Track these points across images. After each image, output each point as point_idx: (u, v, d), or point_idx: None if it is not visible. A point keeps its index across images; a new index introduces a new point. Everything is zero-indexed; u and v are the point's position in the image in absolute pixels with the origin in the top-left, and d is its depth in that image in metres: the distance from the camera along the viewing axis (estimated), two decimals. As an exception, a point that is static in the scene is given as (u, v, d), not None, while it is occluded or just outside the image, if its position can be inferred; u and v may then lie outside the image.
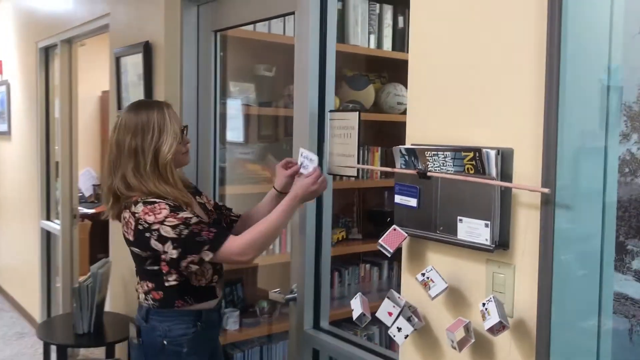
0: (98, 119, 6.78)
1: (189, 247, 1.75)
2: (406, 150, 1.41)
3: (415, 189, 1.40)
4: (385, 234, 1.43)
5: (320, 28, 1.93)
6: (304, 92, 1.99)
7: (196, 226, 1.76)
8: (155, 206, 1.76)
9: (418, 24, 1.49)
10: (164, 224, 1.73)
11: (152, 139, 1.82)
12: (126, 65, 2.94)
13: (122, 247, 3.14)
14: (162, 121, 1.85)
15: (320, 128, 1.97)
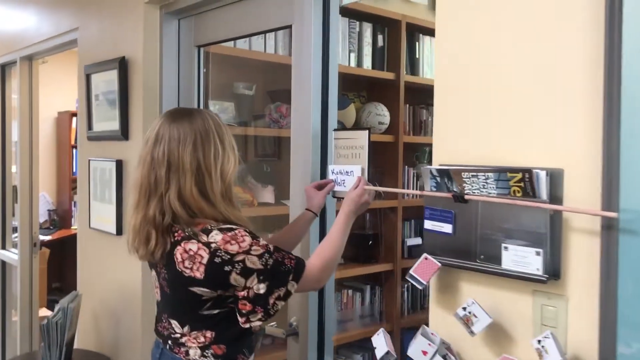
0: (54, 142, 6.49)
1: (277, 279, 1.46)
2: (438, 171, 1.29)
3: (450, 214, 1.28)
4: (416, 264, 1.30)
5: (322, 42, 1.81)
6: (304, 110, 1.86)
7: (277, 254, 1.48)
8: (236, 233, 1.43)
9: (445, 32, 1.39)
10: (250, 253, 1.43)
11: (215, 153, 1.51)
12: (97, 83, 2.74)
13: (92, 278, 2.95)
14: (221, 131, 1.54)
15: (323, 148, 1.84)
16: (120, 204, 2.57)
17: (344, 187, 1.73)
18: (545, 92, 1.19)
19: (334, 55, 1.83)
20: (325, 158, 1.83)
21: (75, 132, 6.53)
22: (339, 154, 1.75)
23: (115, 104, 2.57)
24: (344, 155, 1.73)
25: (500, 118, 1.25)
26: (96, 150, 2.78)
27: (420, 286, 1.29)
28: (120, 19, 2.60)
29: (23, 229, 3.65)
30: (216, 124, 1.55)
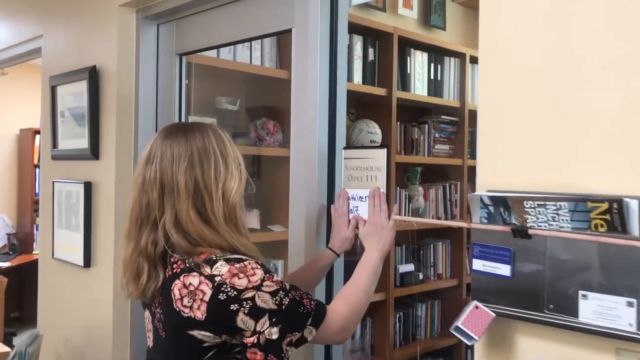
0: (14, 161, 6.11)
1: (292, 322, 1.23)
2: (492, 199, 1.05)
3: (508, 253, 1.04)
4: (465, 315, 1.05)
5: (330, 47, 1.57)
6: (307, 126, 1.60)
7: (294, 292, 1.25)
8: (245, 265, 1.22)
9: (493, 16, 1.15)
10: (262, 289, 1.20)
11: (216, 171, 1.30)
12: (64, 95, 2.45)
13: (56, 315, 2.61)
14: (223, 147, 1.33)
15: (330, 169, 1.58)
16: (89, 232, 2.27)
17: (357, 214, 1.48)
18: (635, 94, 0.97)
19: (342, 62, 1.59)
20: (332, 180, 1.57)
21: (38, 150, 6.16)
22: (350, 176, 1.50)
23: (85, 118, 2.28)
24: (356, 177, 1.49)
25: (577, 136, 1.02)
26: (61, 171, 2.48)
27: (469, 342, 1.04)
28: (90, 25, 2.33)
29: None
30: (218, 138, 1.32)
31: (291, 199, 1.68)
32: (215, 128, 1.37)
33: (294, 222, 1.69)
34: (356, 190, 1.47)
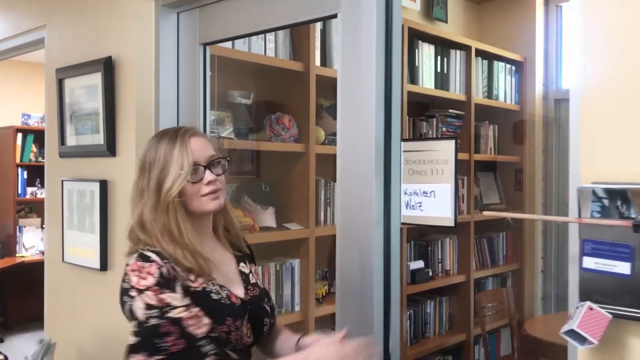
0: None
1: (146, 344, 1.29)
2: (607, 192, 0.97)
3: (628, 249, 0.96)
4: (579, 318, 0.97)
5: (386, 32, 1.47)
6: (362, 118, 1.50)
7: (170, 323, 1.29)
8: (145, 266, 1.34)
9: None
10: (142, 296, 1.31)
11: (156, 174, 1.43)
12: (73, 89, 2.31)
13: (66, 322, 2.45)
14: (170, 153, 1.43)
15: (386, 164, 1.49)
16: (106, 233, 2.14)
17: (420, 211, 1.39)
18: None
19: (397, 47, 1.49)
20: (388, 175, 1.48)
21: (20, 149, 5.93)
22: (411, 170, 1.41)
23: (99, 113, 2.15)
24: (418, 171, 1.40)
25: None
26: (72, 169, 2.34)
27: (583, 346, 0.96)
28: (104, 13, 2.19)
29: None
30: (170, 145, 1.44)
31: (339, 196, 1.58)
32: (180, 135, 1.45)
33: (342, 219, 1.59)
34: (421, 185, 1.38)
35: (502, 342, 4.04)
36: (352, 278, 1.54)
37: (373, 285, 1.50)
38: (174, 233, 1.40)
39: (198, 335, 1.33)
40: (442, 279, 3.69)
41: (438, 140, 1.39)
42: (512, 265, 4.17)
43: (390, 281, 1.52)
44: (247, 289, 1.52)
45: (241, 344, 1.44)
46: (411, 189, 1.40)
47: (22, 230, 5.92)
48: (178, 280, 1.35)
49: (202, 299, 1.38)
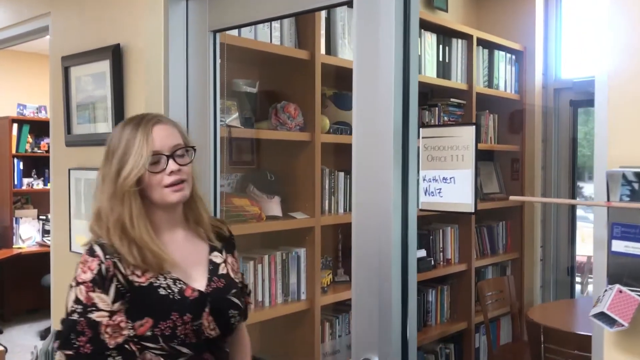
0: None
1: (62, 334, 1.35)
2: (637, 175, 0.98)
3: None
4: (609, 300, 0.98)
5: (404, 15, 1.46)
6: (379, 104, 1.50)
7: (87, 324, 1.33)
8: (89, 259, 1.38)
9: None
10: (74, 289, 1.37)
11: (116, 162, 1.42)
12: (80, 77, 2.29)
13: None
14: (131, 141, 1.42)
15: (404, 151, 1.49)
16: (115, 222, 2.13)
17: (439, 198, 1.40)
18: None
19: (414, 32, 1.48)
20: (406, 161, 1.48)
21: (16, 140, 5.88)
22: (430, 157, 1.42)
23: (106, 101, 2.14)
24: (437, 157, 1.40)
25: None
26: (79, 158, 2.32)
27: (612, 328, 0.97)
28: (111, 0, 2.17)
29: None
30: (131, 133, 1.43)
31: (355, 182, 1.58)
32: (144, 122, 1.44)
33: (359, 207, 1.59)
34: (441, 172, 1.39)
35: (502, 330, 4.08)
36: (369, 264, 1.54)
37: (391, 271, 1.50)
38: (126, 225, 1.39)
39: (110, 345, 1.35)
40: (443, 267, 3.71)
41: (458, 126, 1.39)
42: (512, 254, 4.20)
43: (408, 267, 1.53)
44: (210, 281, 1.50)
45: (197, 338, 1.43)
46: (430, 175, 1.41)
47: (18, 222, 5.88)
48: (116, 280, 1.37)
49: (146, 295, 1.39)
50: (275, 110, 2.72)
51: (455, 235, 3.81)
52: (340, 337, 3.04)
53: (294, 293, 2.75)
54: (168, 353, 1.40)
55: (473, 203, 1.32)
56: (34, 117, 6.02)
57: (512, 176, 4.25)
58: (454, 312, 3.83)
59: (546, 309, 3.45)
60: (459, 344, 3.82)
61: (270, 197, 2.74)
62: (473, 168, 1.34)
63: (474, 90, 3.76)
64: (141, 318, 1.38)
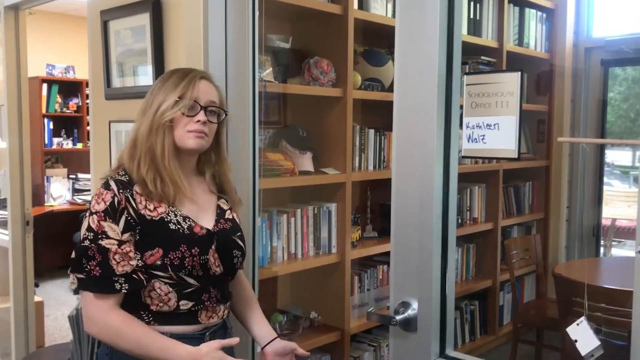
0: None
1: (75, 260, 1.48)
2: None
3: None
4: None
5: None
6: (423, 53, 1.51)
7: (97, 250, 1.45)
8: (102, 192, 1.49)
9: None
10: (88, 218, 1.48)
11: (159, 97, 1.56)
12: (119, 30, 2.32)
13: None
14: (177, 83, 1.56)
15: (447, 100, 1.50)
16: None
17: (483, 144, 1.42)
18: None
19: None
20: (449, 112, 1.50)
21: (46, 100, 5.97)
22: (474, 104, 1.44)
23: (147, 54, 2.17)
24: (481, 104, 1.43)
25: None
26: (119, 111, 2.38)
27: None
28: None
29: (14, 204, 3.20)
30: (177, 73, 1.58)
31: (396, 133, 1.60)
32: (183, 74, 1.57)
33: (400, 161, 1.60)
34: (484, 118, 1.41)
35: (526, 288, 4.13)
36: (410, 213, 1.57)
37: (432, 220, 1.52)
38: (156, 155, 1.51)
39: (117, 271, 1.46)
40: (470, 226, 3.75)
41: (503, 72, 1.41)
42: (538, 214, 4.22)
43: (449, 216, 1.56)
44: (218, 222, 1.63)
45: (203, 271, 1.55)
46: (474, 122, 1.43)
47: (49, 180, 6.02)
48: (126, 213, 1.47)
49: (157, 227, 1.50)
50: (308, 65, 2.73)
51: (483, 195, 3.84)
52: (369, 291, 3.11)
53: (324, 247, 2.81)
54: (176, 282, 1.51)
55: (517, 149, 1.35)
56: (62, 77, 6.09)
57: (538, 138, 4.24)
58: (479, 270, 3.88)
59: (572, 266, 3.49)
60: (483, 301, 3.89)
61: (303, 152, 2.78)
62: (518, 114, 1.36)
63: (504, 48, 3.73)
64: (152, 248, 1.49)
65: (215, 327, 1.62)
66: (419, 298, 1.56)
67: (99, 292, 1.45)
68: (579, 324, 1.11)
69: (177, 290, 1.52)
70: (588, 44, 4.19)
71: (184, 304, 1.53)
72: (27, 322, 3.31)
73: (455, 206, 1.58)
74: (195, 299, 1.54)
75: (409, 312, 1.57)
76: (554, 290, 3.13)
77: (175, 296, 1.52)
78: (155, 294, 1.51)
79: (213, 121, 1.60)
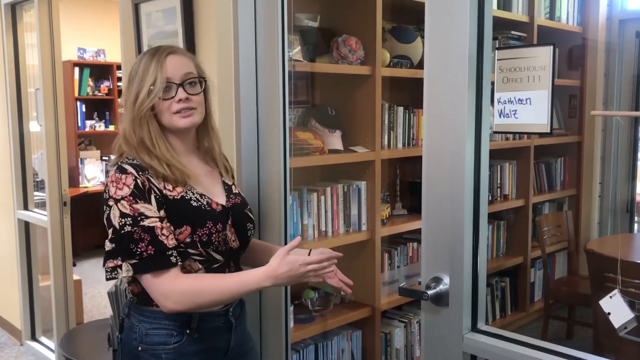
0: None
1: (120, 249, 1.44)
2: None
3: None
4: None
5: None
6: (454, 28, 1.51)
7: (142, 231, 1.42)
8: (121, 177, 1.46)
9: None
10: (118, 205, 1.44)
11: (134, 88, 1.53)
12: (150, 13, 2.36)
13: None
14: (146, 69, 1.52)
15: (478, 76, 1.50)
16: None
17: (514, 119, 1.42)
18: None
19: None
20: (480, 87, 1.50)
21: (78, 83, 6.08)
22: (505, 79, 1.44)
23: (178, 35, 2.20)
24: (513, 79, 1.42)
25: None
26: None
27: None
28: None
29: (51, 185, 3.30)
30: (146, 61, 1.53)
31: (427, 106, 1.60)
32: (158, 53, 1.53)
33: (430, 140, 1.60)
34: (516, 93, 1.41)
35: (558, 265, 4.10)
36: (441, 188, 1.58)
37: (464, 197, 1.52)
38: (147, 145, 1.51)
39: (169, 245, 1.45)
40: (500, 203, 3.73)
41: (534, 47, 1.39)
42: (569, 191, 4.17)
43: (480, 193, 1.56)
44: (228, 197, 1.64)
45: (225, 246, 1.57)
46: (505, 97, 1.42)
47: (83, 162, 6.15)
48: (154, 192, 1.47)
49: (181, 206, 1.50)
50: (337, 44, 2.74)
51: (513, 171, 3.81)
52: (399, 268, 3.14)
53: (354, 224, 2.84)
54: (205, 259, 1.53)
55: (549, 123, 1.35)
56: (93, 60, 6.19)
57: (570, 113, 4.18)
58: (510, 247, 3.87)
59: (605, 242, 3.45)
60: (514, 278, 3.88)
61: (332, 131, 2.79)
62: (550, 89, 1.35)
63: (535, 22, 3.67)
64: (180, 226, 1.49)
65: (235, 302, 1.65)
66: (451, 273, 1.57)
67: (158, 269, 1.43)
68: (612, 296, 1.11)
69: (206, 267, 1.54)
70: (622, 16, 4.09)
71: None
72: (67, 300, 3.43)
73: (486, 182, 1.58)
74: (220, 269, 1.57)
75: (440, 287, 1.58)
76: (585, 267, 3.11)
77: (204, 273, 1.55)
78: (185, 272, 1.51)
79: (196, 92, 1.57)
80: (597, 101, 4.08)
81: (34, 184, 3.71)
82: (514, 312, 3.88)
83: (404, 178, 3.31)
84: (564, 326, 3.64)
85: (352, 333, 2.89)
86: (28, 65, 3.55)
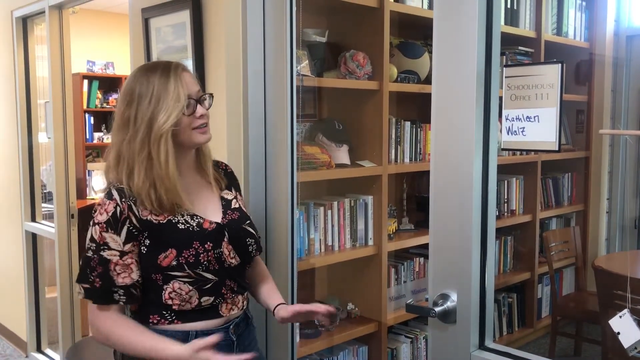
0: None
1: (81, 269, 1.51)
2: None
3: None
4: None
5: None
6: (460, 44, 1.51)
7: (99, 261, 1.46)
8: (106, 202, 1.48)
9: None
10: (91, 228, 1.49)
11: (148, 106, 1.48)
12: (160, 27, 2.38)
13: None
14: (164, 86, 1.49)
15: (486, 92, 1.51)
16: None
17: (522, 137, 1.42)
18: None
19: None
20: (488, 104, 1.50)
21: (87, 95, 6.12)
22: (513, 96, 1.44)
23: (188, 51, 2.22)
24: (521, 96, 1.42)
25: None
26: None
27: None
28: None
29: (59, 197, 3.31)
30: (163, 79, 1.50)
31: (435, 123, 1.60)
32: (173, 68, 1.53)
33: (437, 158, 1.60)
34: (525, 110, 1.41)
35: (565, 281, 4.08)
36: (449, 205, 1.58)
37: (472, 213, 1.52)
38: (155, 165, 1.48)
39: (117, 283, 1.47)
40: (507, 218, 3.72)
41: (543, 64, 1.40)
42: (577, 206, 4.16)
43: (488, 209, 1.56)
44: (225, 214, 1.63)
45: (219, 265, 1.55)
46: (513, 115, 1.43)
47: (90, 174, 6.17)
48: (128, 222, 1.47)
49: (167, 230, 1.50)
50: (344, 59, 2.75)
51: (520, 187, 3.80)
52: (405, 283, 3.12)
53: (361, 239, 2.84)
54: (194, 279, 1.52)
55: (557, 141, 1.35)
56: (102, 73, 6.24)
57: (577, 128, 4.17)
58: (517, 262, 3.85)
59: (613, 259, 3.43)
60: (521, 294, 3.86)
61: (339, 145, 2.80)
62: (558, 106, 1.35)
63: (542, 38, 3.68)
64: (165, 250, 1.49)
65: (238, 319, 1.64)
66: (458, 290, 1.57)
67: (99, 302, 1.49)
68: (621, 316, 1.11)
69: (197, 288, 1.53)
70: (630, 32, 4.09)
71: (206, 300, 1.55)
72: (73, 312, 3.43)
73: (494, 198, 1.58)
74: (215, 293, 1.56)
75: (447, 303, 1.58)
76: (593, 283, 3.09)
77: (196, 294, 1.53)
78: (176, 295, 1.51)
79: (208, 108, 1.59)
80: (604, 117, 4.08)
81: (42, 195, 3.72)
82: (521, 328, 3.85)
83: (411, 193, 3.31)
84: (571, 343, 3.61)
85: (358, 348, 2.87)
86: (38, 78, 3.58)
